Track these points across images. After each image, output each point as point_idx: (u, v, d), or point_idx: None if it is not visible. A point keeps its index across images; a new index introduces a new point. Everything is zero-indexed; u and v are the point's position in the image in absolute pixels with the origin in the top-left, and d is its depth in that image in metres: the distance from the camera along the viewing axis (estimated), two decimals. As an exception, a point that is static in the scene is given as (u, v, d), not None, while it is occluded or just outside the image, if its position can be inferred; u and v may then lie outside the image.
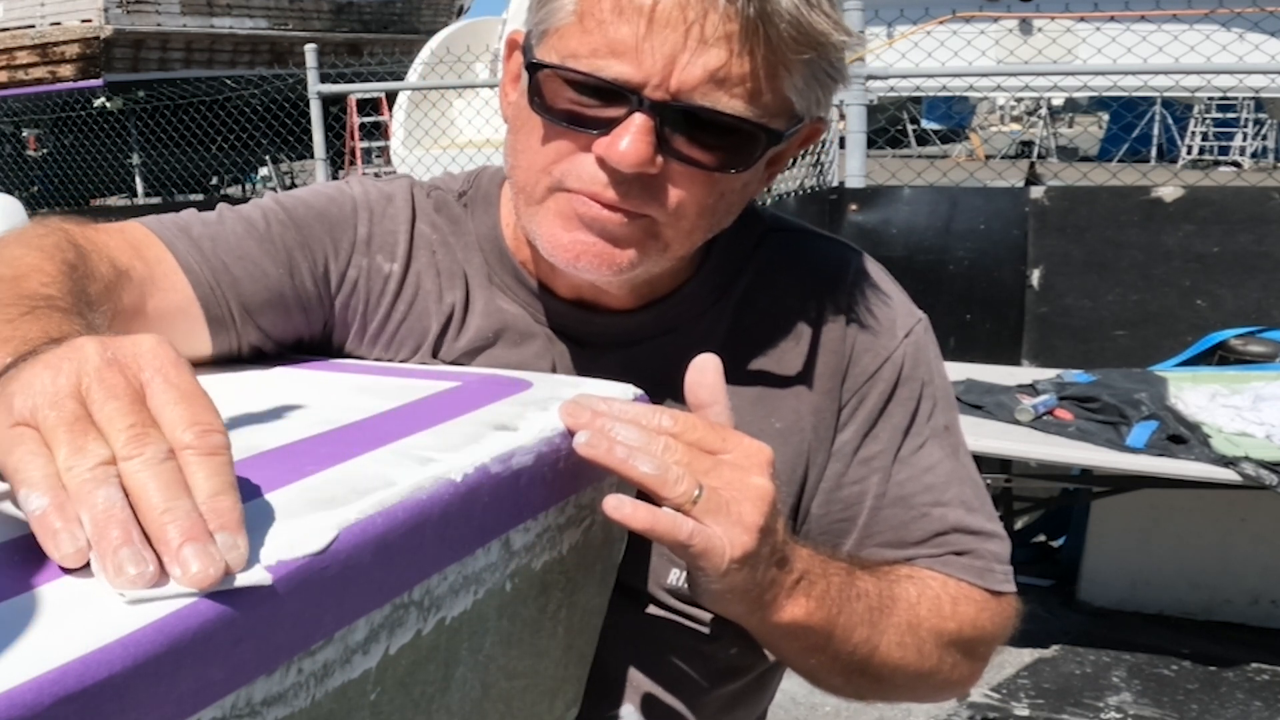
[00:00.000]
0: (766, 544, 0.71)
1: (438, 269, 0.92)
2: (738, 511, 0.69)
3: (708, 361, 0.73)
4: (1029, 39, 7.87)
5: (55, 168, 11.95)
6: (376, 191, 0.94)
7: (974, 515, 0.91)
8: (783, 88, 0.74)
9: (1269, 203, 3.60)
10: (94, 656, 0.40)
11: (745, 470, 0.70)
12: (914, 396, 0.91)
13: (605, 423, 0.68)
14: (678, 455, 0.68)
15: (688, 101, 0.72)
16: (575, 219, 0.77)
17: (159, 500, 0.46)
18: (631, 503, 0.67)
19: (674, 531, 0.67)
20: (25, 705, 0.38)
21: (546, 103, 0.77)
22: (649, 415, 0.70)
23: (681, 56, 0.71)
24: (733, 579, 0.70)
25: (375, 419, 0.71)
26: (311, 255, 0.89)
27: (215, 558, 0.45)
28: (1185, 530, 3.07)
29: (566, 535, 0.71)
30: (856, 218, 3.96)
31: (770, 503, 0.70)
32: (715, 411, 0.72)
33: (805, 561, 0.77)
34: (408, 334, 0.91)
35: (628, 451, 0.67)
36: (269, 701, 0.48)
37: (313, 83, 5.89)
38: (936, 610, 0.87)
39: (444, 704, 0.62)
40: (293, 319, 0.89)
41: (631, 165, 0.73)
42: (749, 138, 0.75)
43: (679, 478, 0.68)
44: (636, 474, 0.67)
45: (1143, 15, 4.84)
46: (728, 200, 0.80)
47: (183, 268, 0.84)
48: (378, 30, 16.62)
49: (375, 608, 0.55)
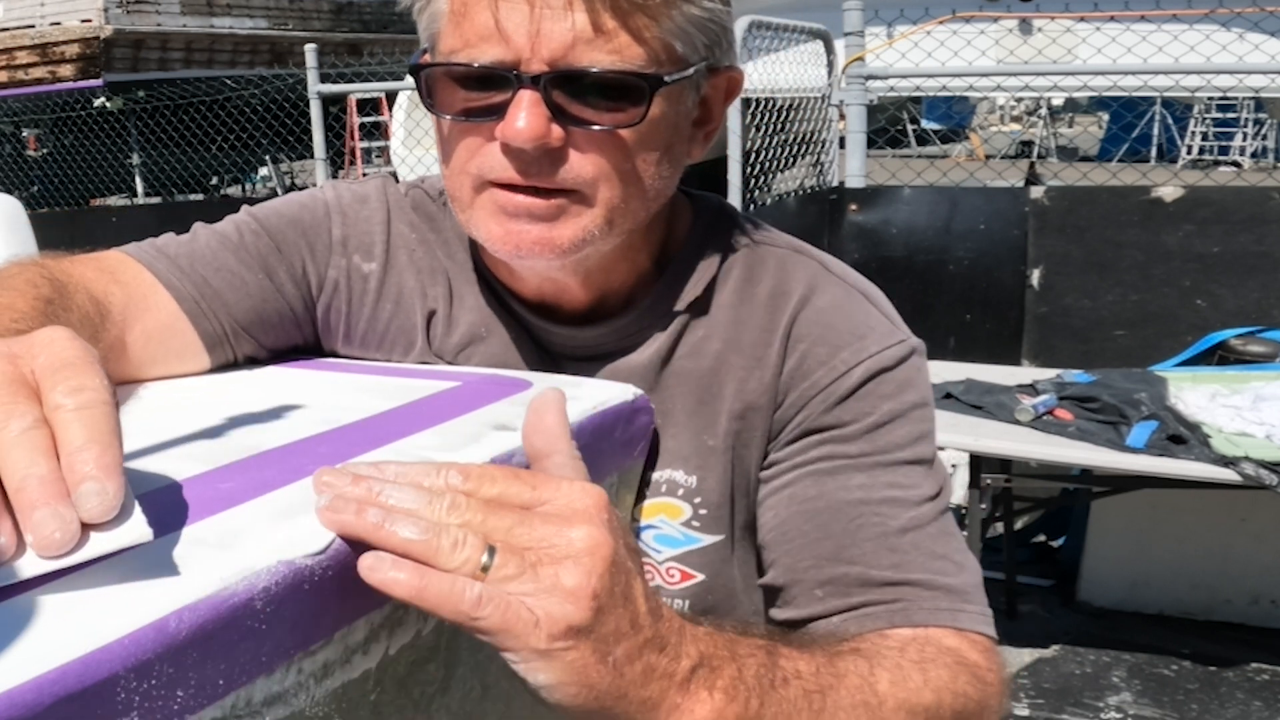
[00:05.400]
0: (611, 616, 0.55)
1: (417, 267, 0.92)
2: (550, 574, 0.54)
3: (549, 402, 0.64)
4: (1029, 39, 7.87)
5: (55, 168, 11.93)
6: (350, 193, 0.94)
7: (945, 541, 0.81)
8: (655, 34, 0.75)
9: (1269, 203, 3.60)
10: (94, 656, 0.40)
11: (565, 522, 0.55)
12: (881, 411, 0.83)
13: (370, 486, 0.54)
14: (465, 516, 0.54)
15: (565, 67, 0.74)
16: (502, 212, 0.78)
17: (17, 469, 0.46)
18: (393, 562, 0.52)
19: (452, 599, 0.52)
20: (25, 705, 0.38)
21: (442, 104, 0.79)
22: (431, 473, 0.56)
23: (543, 26, 0.73)
24: (570, 670, 0.54)
25: (376, 418, 0.71)
26: (288, 260, 0.90)
27: (65, 519, 0.45)
28: (1185, 530, 3.07)
29: (566, 535, 0.71)
30: (856, 218, 3.95)
31: (605, 560, 0.55)
32: (554, 463, 0.61)
33: (703, 643, 0.61)
34: (398, 333, 0.92)
35: (383, 516, 0.53)
36: (269, 701, 0.48)
37: (313, 83, 5.89)
38: (900, 680, 0.71)
39: (444, 704, 0.62)
40: (283, 327, 0.90)
41: (529, 140, 0.74)
42: (634, 89, 0.75)
43: (458, 541, 0.53)
44: (395, 542, 0.52)
45: (1143, 15, 4.84)
46: (649, 160, 0.79)
47: (164, 286, 0.85)
48: (378, 30, 16.61)
49: (375, 608, 0.55)
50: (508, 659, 0.54)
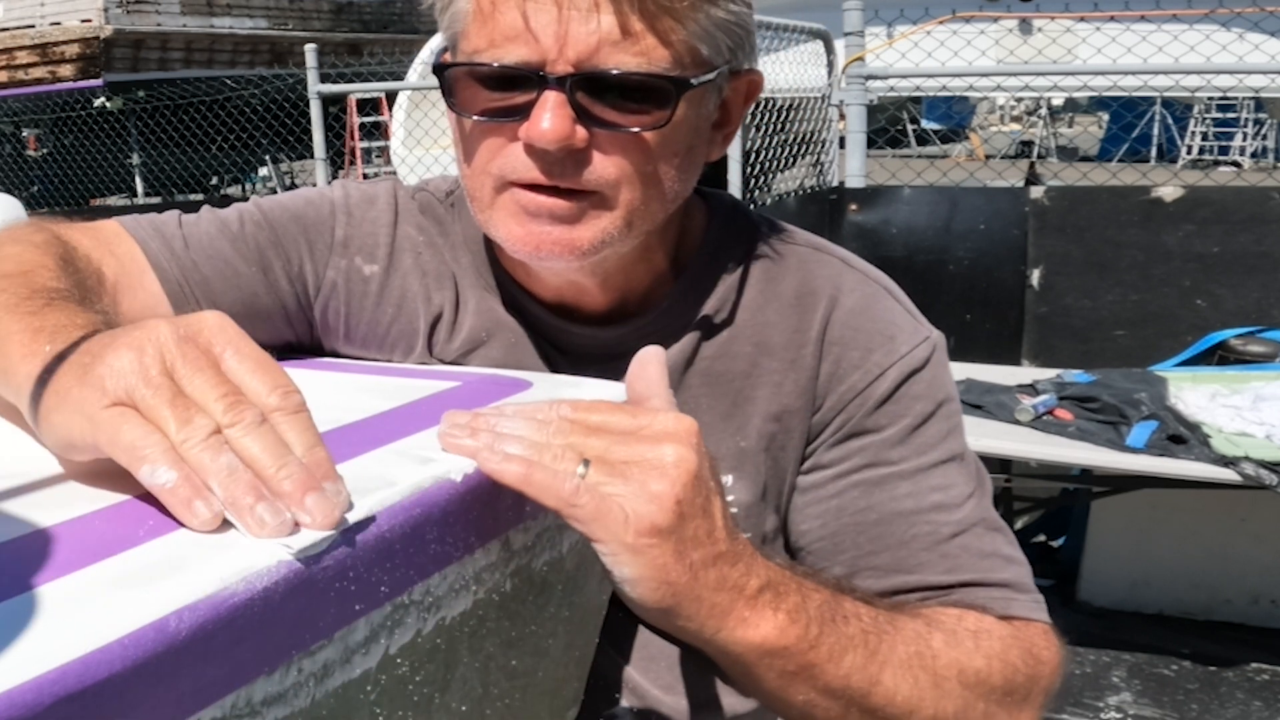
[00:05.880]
0: (691, 523, 0.61)
1: (423, 270, 0.91)
2: (639, 480, 0.60)
3: (650, 354, 0.68)
4: (1029, 39, 7.87)
5: (55, 168, 11.95)
6: (358, 194, 0.94)
7: (991, 537, 0.84)
8: (681, 37, 0.75)
9: (1269, 203, 3.59)
10: (94, 656, 0.40)
11: (657, 441, 0.61)
12: (915, 413, 0.86)
13: (486, 420, 0.62)
14: (570, 438, 0.61)
15: (591, 68, 0.73)
16: (524, 212, 0.78)
17: (270, 460, 0.50)
18: (504, 454, 0.60)
19: (554, 485, 0.59)
20: (25, 705, 0.38)
21: (465, 104, 0.79)
22: (544, 408, 0.63)
23: (570, 28, 0.73)
24: (652, 565, 0.60)
25: (376, 418, 0.71)
26: (285, 255, 0.89)
27: (334, 501, 0.51)
28: (1185, 530, 3.07)
29: (566, 535, 0.71)
30: (856, 218, 3.95)
31: (689, 474, 0.61)
32: (653, 405, 0.66)
33: (773, 570, 0.67)
34: (399, 336, 0.91)
35: (493, 438, 0.60)
36: (269, 701, 0.48)
37: (313, 83, 5.89)
38: (954, 643, 0.75)
39: (444, 704, 0.62)
40: (271, 321, 0.90)
41: (554, 141, 0.74)
42: (659, 91, 0.75)
43: (558, 455, 0.60)
44: (496, 462, 0.59)
45: (1143, 15, 4.83)
46: (670, 163, 0.79)
47: (153, 266, 0.85)
48: (378, 30, 16.61)
49: (375, 608, 0.55)
50: (598, 550, 0.61)
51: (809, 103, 4.19)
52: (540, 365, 0.89)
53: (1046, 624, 0.84)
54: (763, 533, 0.88)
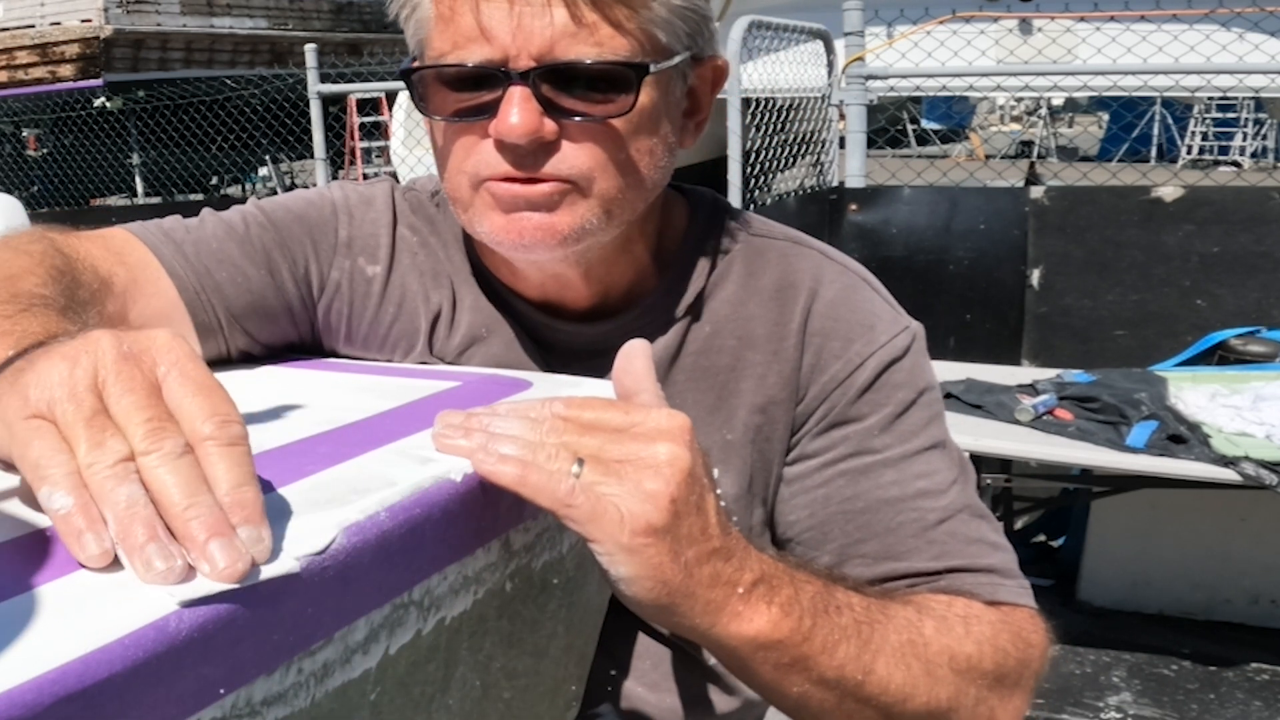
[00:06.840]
0: (685, 521, 0.61)
1: (420, 270, 0.92)
2: (634, 480, 0.60)
3: (636, 348, 0.67)
4: (1029, 39, 7.87)
5: (55, 168, 11.93)
6: (357, 195, 0.95)
7: (976, 523, 0.86)
8: (637, 25, 0.76)
9: (1269, 203, 3.59)
10: (94, 656, 0.40)
11: (651, 439, 0.61)
12: (896, 401, 0.87)
13: (480, 420, 0.62)
14: (563, 437, 0.61)
15: (551, 61, 0.75)
16: (502, 205, 0.79)
17: (179, 497, 0.46)
18: (500, 456, 0.60)
19: (550, 486, 0.59)
20: (25, 705, 0.38)
21: (436, 107, 0.80)
22: (537, 407, 0.63)
23: (524, 23, 0.74)
24: (648, 564, 0.60)
25: (376, 418, 0.71)
26: (291, 256, 0.90)
27: (241, 551, 0.46)
28: (1185, 530, 3.07)
29: (566, 535, 0.71)
30: (856, 218, 3.95)
31: (683, 472, 0.61)
32: (641, 400, 0.66)
33: (765, 564, 0.68)
34: (400, 335, 0.92)
35: (486, 438, 0.60)
36: (269, 701, 0.48)
37: (313, 83, 5.89)
38: (945, 629, 0.76)
39: (444, 704, 0.62)
40: (278, 322, 0.90)
41: (523, 135, 0.75)
42: (621, 79, 0.77)
43: (552, 454, 0.60)
44: (491, 464, 0.59)
45: (1143, 15, 4.83)
46: (642, 150, 0.80)
47: (168, 272, 0.85)
48: (378, 30, 16.60)
49: (375, 608, 0.55)
50: (594, 549, 0.61)
51: (809, 103, 4.19)
52: (529, 363, 0.90)
53: (1033, 609, 0.85)
54: (750, 525, 0.88)
